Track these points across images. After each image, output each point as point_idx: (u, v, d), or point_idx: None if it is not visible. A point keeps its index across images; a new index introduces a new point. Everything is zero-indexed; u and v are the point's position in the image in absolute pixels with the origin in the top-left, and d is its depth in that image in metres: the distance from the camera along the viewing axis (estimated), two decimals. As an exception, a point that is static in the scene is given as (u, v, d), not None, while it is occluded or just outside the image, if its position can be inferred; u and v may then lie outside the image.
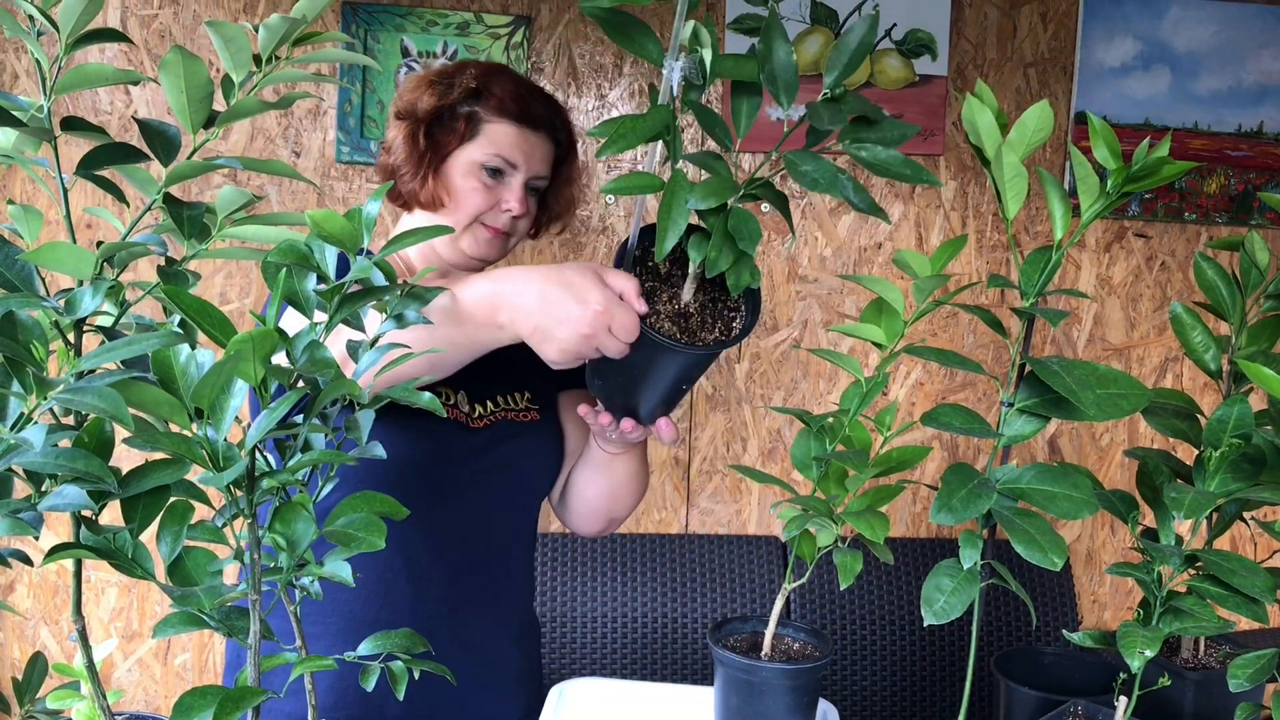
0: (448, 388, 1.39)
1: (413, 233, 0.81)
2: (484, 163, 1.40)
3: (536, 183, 1.45)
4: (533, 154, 1.43)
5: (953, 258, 1.07)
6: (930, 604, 0.96)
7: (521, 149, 1.41)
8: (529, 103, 1.43)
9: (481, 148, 1.40)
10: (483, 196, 1.40)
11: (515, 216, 1.41)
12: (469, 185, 1.39)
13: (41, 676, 0.75)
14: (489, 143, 1.40)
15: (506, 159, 1.40)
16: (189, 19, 2.49)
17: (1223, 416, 1.03)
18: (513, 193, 1.41)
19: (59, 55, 0.66)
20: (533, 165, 1.43)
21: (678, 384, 1.17)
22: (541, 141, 1.44)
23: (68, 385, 0.58)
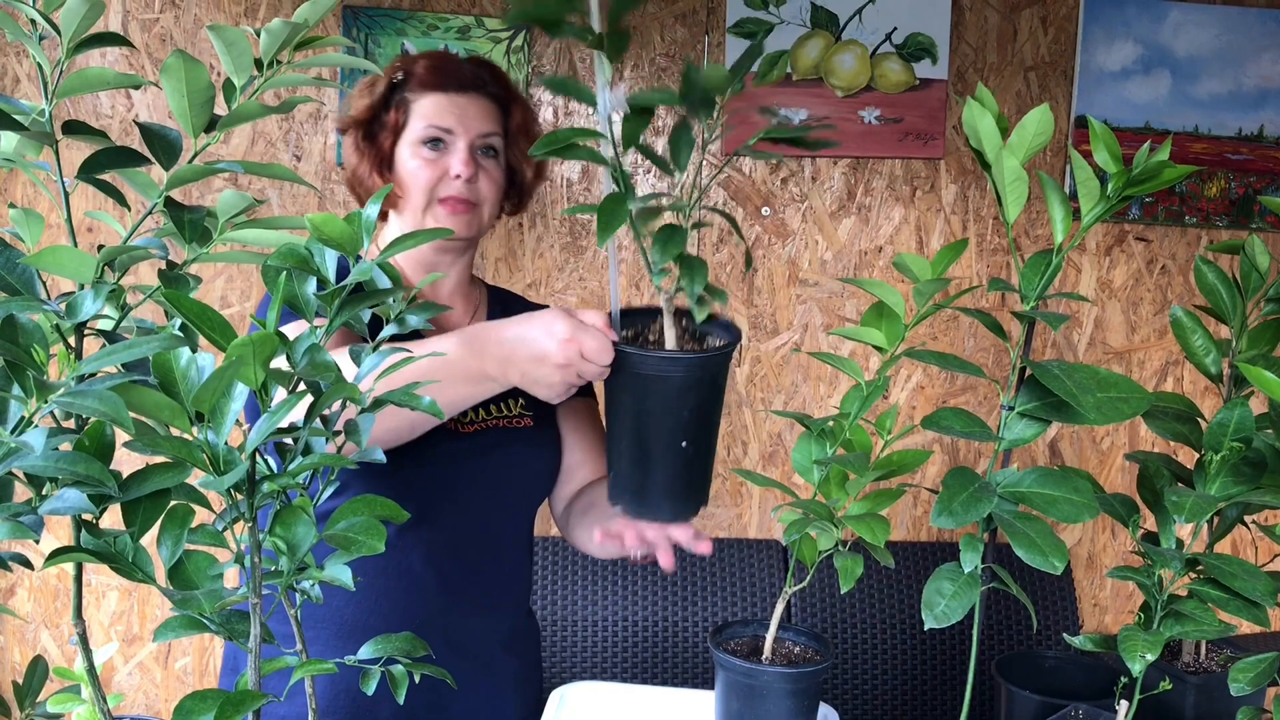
0: None
1: (413, 235, 0.81)
2: (421, 138, 1.38)
3: (485, 142, 1.42)
4: (467, 115, 1.40)
5: (953, 261, 1.07)
6: (931, 608, 0.96)
7: (453, 113, 1.39)
8: (449, 68, 1.41)
9: (415, 128, 1.39)
10: (427, 170, 1.38)
11: (468, 180, 1.38)
12: (414, 167, 1.38)
13: (42, 680, 0.75)
14: (420, 118, 1.39)
15: (440, 126, 1.39)
16: (190, 23, 2.49)
17: (1223, 420, 1.03)
18: (456, 156, 1.38)
19: (61, 59, 0.66)
20: (472, 126, 1.40)
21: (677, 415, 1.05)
22: (474, 100, 1.41)
23: (68, 389, 0.58)
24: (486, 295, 1.57)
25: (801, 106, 2.59)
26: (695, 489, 1.09)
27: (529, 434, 1.44)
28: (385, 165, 1.41)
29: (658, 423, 1.05)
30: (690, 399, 1.04)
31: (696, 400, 1.04)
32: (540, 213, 2.60)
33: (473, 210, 1.41)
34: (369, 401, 0.76)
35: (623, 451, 1.08)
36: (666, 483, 1.07)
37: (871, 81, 2.60)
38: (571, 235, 2.61)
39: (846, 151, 2.63)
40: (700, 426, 1.06)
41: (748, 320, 2.68)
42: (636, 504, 1.09)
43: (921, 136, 2.62)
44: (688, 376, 1.03)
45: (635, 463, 1.07)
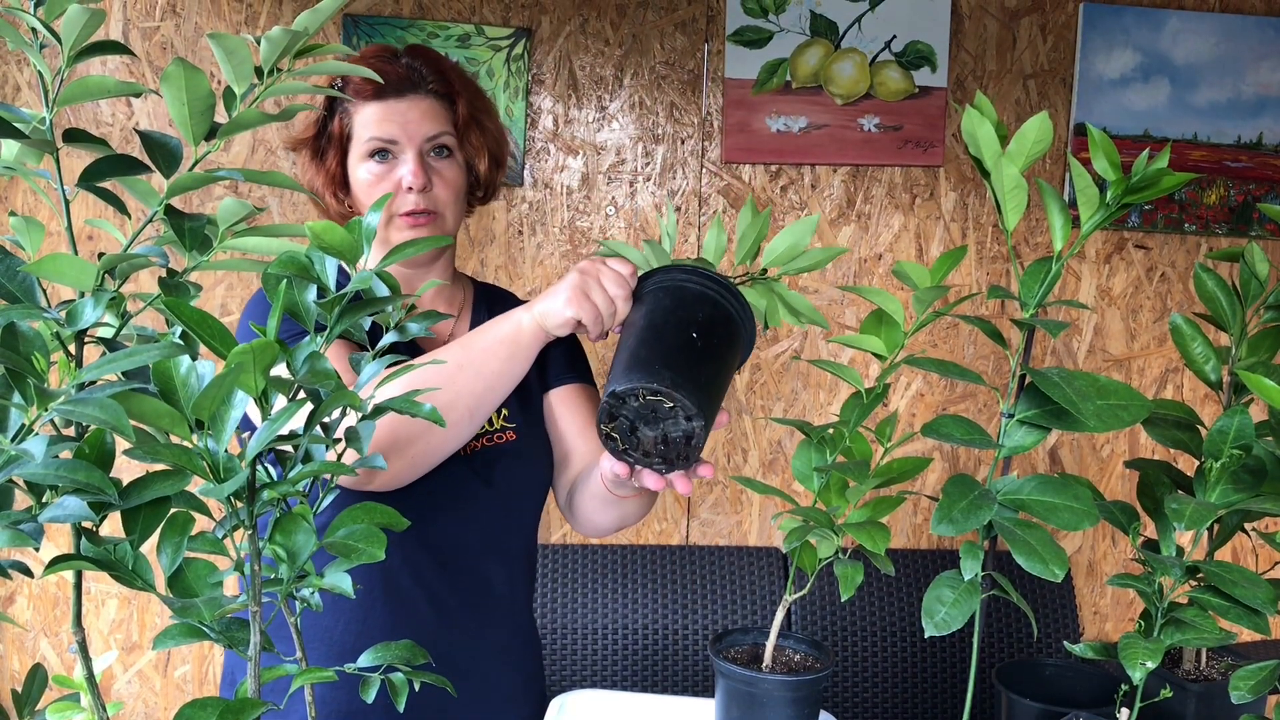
0: None
1: (413, 243, 0.81)
2: (367, 152, 1.34)
3: (435, 144, 1.36)
4: (409, 120, 1.33)
5: (953, 269, 1.07)
6: (931, 615, 0.96)
7: (394, 121, 1.33)
8: (382, 70, 1.32)
9: (359, 142, 1.34)
10: (379, 185, 1.34)
11: (421, 190, 1.33)
12: (365, 183, 1.34)
13: (41, 688, 0.75)
14: (362, 130, 1.33)
15: (383, 138, 1.33)
16: (190, 31, 2.50)
17: (1223, 427, 1.03)
18: (405, 167, 1.33)
19: (61, 68, 0.66)
20: (416, 131, 1.34)
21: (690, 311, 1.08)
22: (416, 102, 1.34)
23: (69, 396, 0.58)
24: (473, 294, 1.53)
25: (801, 114, 2.59)
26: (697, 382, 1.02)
27: (515, 448, 1.40)
28: (338, 183, 1.37)
29: (670, 314, 1.09)
30: (705, 307, 1.09)
31: (710, 312, 1.09)
32: (540, 220, 2.61)
33: (434, 219, 1.36)
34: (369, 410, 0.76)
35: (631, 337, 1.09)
36: (669, 354, 1.04)
37: (871, 89, 2.61)
38: (571, 244, 2.62)
39: (846, 159, 2.63)
40: (710, 333, 1.07)
41: (747, 328, 2.68)
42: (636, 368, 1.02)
43: (921, 144, 2.62)
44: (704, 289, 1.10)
45: (642, 340, 1.06)
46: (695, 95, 2.60)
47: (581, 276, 1.14)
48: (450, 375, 1.17)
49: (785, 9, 2.56)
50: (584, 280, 1.14)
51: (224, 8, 2.50)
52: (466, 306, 1.51)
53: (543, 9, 2.55)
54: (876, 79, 2.61)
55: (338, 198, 1.38)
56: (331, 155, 1.36)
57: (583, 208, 2.61)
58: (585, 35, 2.57)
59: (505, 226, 2.61)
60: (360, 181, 1.35)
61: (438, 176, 1.36)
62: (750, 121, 2.59)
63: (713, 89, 2.60)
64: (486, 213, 2.60)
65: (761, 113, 2.59)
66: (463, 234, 2.59)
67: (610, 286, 1.14)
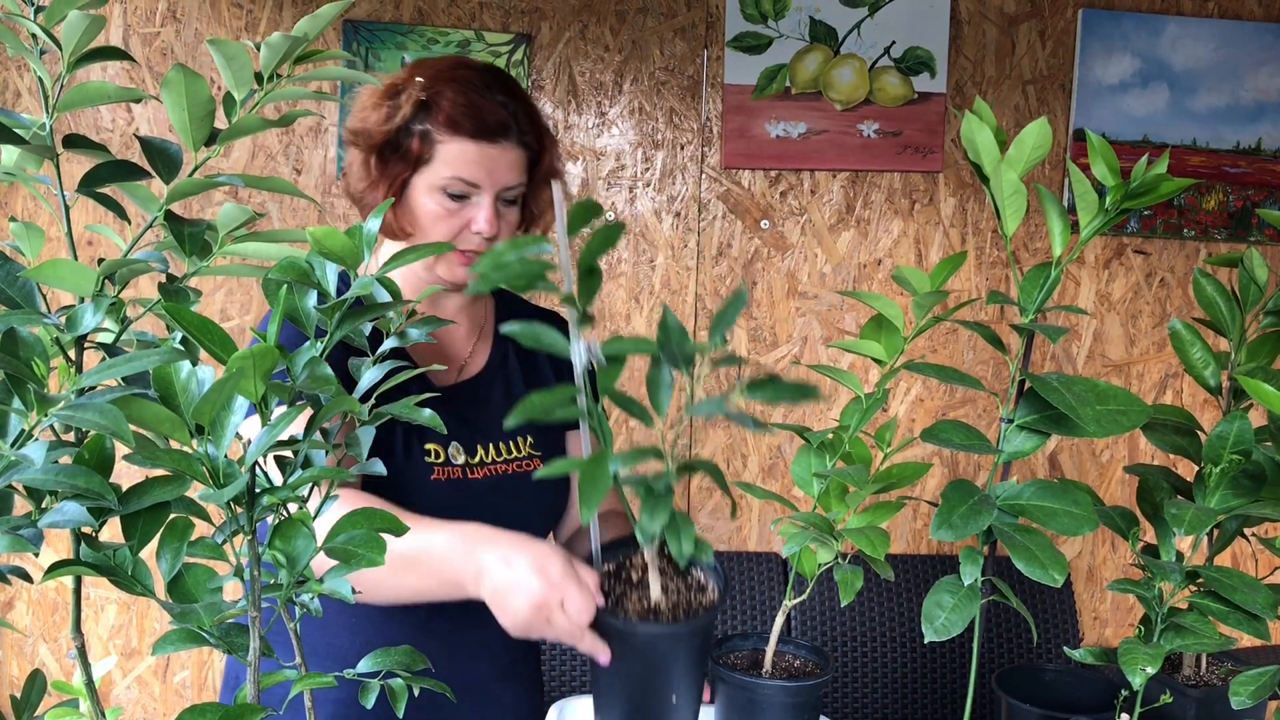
0: (436, 444, 1.33)
1: (414, 249, 0.81)
2: (444, 187, 1.29)
3: (509, 193, 1.34)
4: (496, 168, 1.30)
5: (952, 274, 1.08)
6: (931, 621, 0.96)
7: (482, 165, 1.29)
8: (483, 113, 1.29)
9: (438, 171, 1.29)
10: (446, 224, 1.30)
11: (489, 237, 1.31)
12: (432, 214, 1.30)
13: (40, 694, 0.75)
14: (445, 164, 1.29)
15: (467, 180, 1.29)
16: (190, 37, 2.50)
17: (1222, 433, 1.03)
18: (480, 212, 1.30)
19: (61, 73, 0.66)
20: (498, 179, 1.31)
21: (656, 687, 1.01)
22: (505, 151, 1.31)
23: (68, 402, 0.58)
24: (494, 306, 1.51)
25: (800, 120, 2.59)
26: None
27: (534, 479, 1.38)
28: (397, 194, 1.32)
29: (647, 685, 1.02)
30: (679, 656, 1.01)
31: (685, 655, 1.02)
32: (540, 226, 2.60)
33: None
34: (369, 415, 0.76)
35: (611, 706, 1.06)
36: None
37: (870, 95, 2.61)
38: (570, 249, 2.61)
39: (845, 164, 2.63)
40: (689, 676, 1.03)
41: (747, 333, 2.68)
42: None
43: (920, 150, 2.63)
44: (674, 642, 1.01)
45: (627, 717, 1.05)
46: (695, 101, 2.60)
47: (544, 598, 1.04)
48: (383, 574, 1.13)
49: (785, 15, 2.57)
50: (546, 604, 1.04)
51: (224, 13, 2.50)
52: (489, 323, 1.49)
53: (542, 15, 2.55)
54: (876, 85, 2.61)
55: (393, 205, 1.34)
56: (398, 168, 1.31)
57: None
58: (585, 41, 2.57)
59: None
60: (426, 210, 1.31)
61: (503, 221, 1.34)
62: (750, 127, 2.60)
63: (712, 95, 2.60)
64: (486, 218, 2.60)
65: (761, 118, 2.59)
66: (462, 239, 2.59)
67: (574, 615, 1.03)
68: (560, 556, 1.06)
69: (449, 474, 1.34)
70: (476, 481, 1.36)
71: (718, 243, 2.64)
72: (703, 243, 2.64)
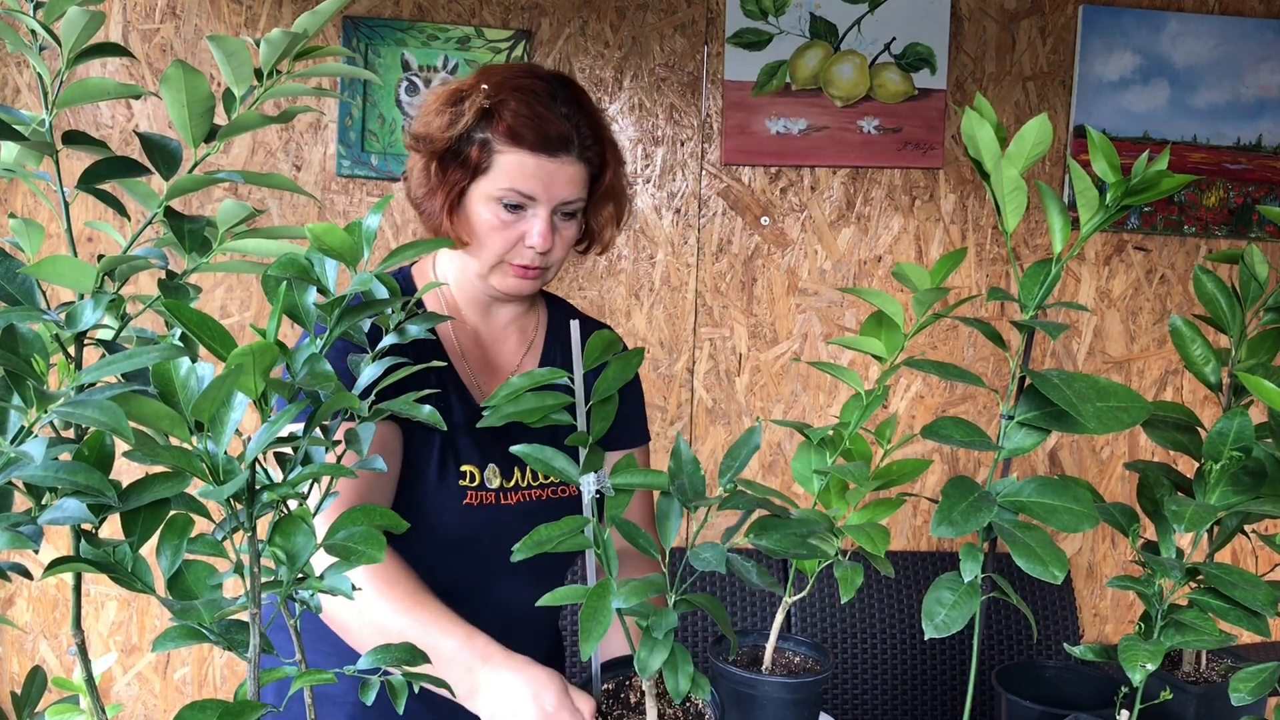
0: (473, 466, 1.32)
1: (411, 245, 0.81)
2: (500, 198, 1.28)
3: (568, 208, 1.32)
4: (554, 182, 1.28)
5: (952, 271, 1.07)
6: (931, 617, 0.96)
7: (539, 179, 1.27)
8: (544, 125, 1.27)
9: (495, 181, 1.28)
10: (501, 235, 1.29)
11: (543, 251, 1.29)
12: (487, 224, 1.29)
13: (40, 691, 0.75)
14: (502, 175, 1.27)
15: (523, 193, 1.28)
16: (190, 33, 2.50)
17: (1223, 429, 1.03)
18: (535, 224, 1.29)
19: (61, 70, 0.66)
20: (556, 193, 1.29)
21: None
22: (565, 166, 1.29)
23: (68, 399, 0.58)
24: (546, 318, 1.48)
25: (800, 116, 2.59)
26: None
27: (574, 504, 1.33)
28: (454, 200, 1.31)
29: None
30: None
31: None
32: (540, 222, 2.60)
33: (542, 274, 1.33)
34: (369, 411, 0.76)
35: None
36: None
37: (870, 91, 2.61)
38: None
39: (846, 161, 2.63)
40: None
41: (747, 330, 2.68)
42: None
43: (920, 146, 2.63)
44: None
45: None
46: (695, 97, 2.60)
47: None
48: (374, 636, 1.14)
49: (785, 11, 2.57)
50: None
51: (223, 10, 2.50)
52: (539, 337, 1.47)
53: (542, 11, 2.55)
54: (876, 81, 2.61)
55: (452, 218, 1.32)
56: (457, 175, 1.29)
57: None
58: (585, 37, 2.57)
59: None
60: (480, 219, 1.29)
61: (558, 236, 1.32)
62: (750, 123, 2.59)
63: (712, 91, 2.60)
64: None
65: (761, 115, 2.59)
66: (462, 236, 2.59)
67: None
68: (557, 685, 1.07)
69: (481, 499, 1.33)
70: (509, 508, 1.34)
71: (718, 239, 2.64)
72: (703, 239, 2.64)
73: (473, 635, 1.15)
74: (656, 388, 2.66)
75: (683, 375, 2.67)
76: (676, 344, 2.66)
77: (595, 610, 0.92)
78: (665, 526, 1.00)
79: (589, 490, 0.98)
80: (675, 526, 1.01)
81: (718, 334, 2.67)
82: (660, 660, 0.92)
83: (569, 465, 0.98)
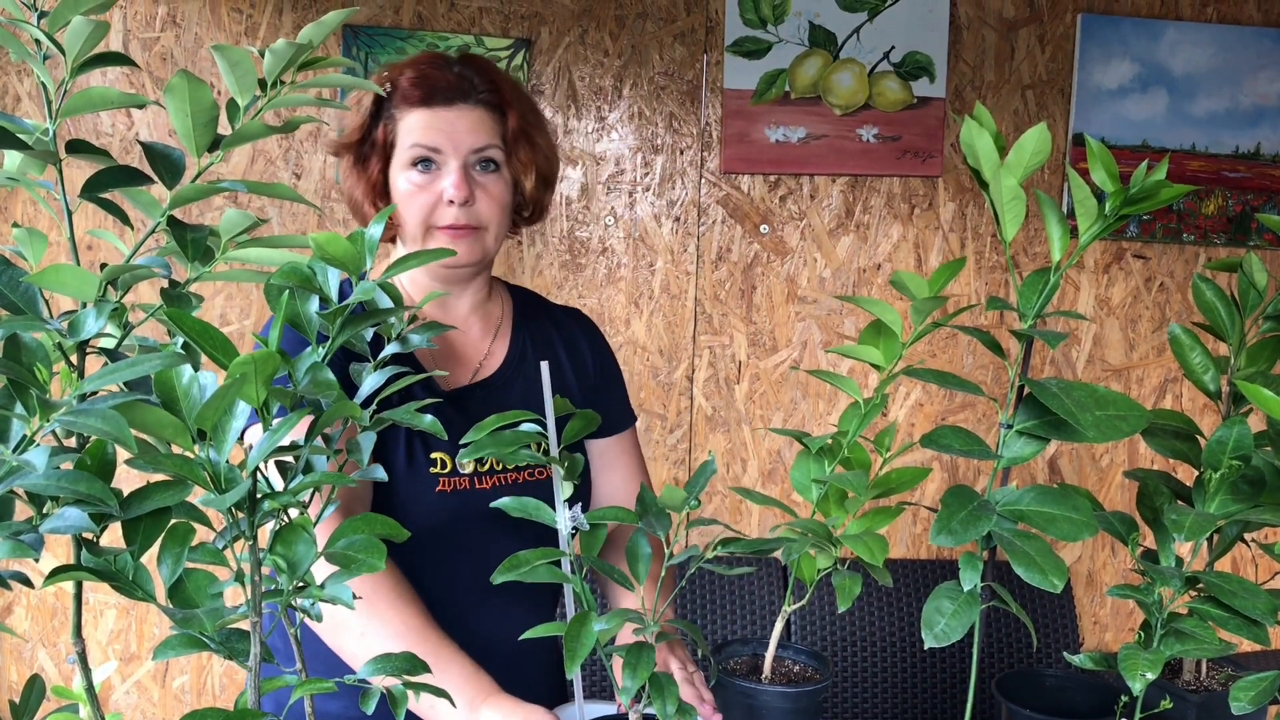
0: (444, 452, 1.32)
1: (415, 255, 0.81)
2: (410, 160, 1.29)
3: (482, 157, 1.31)
4: (456, 130, 1.28)
5: (951, 279, 1.08)
6: (930, 626, 0.96)
7: (440, 129, 1.28)
8: (432, 80, 1.28)
9: (402, 147, 1.29)
10: (420, 199, 1.29)
11: (463, 203, 1.28)
12: (406, 193, 1.30)
13: (39, 699, 0.75)
14: (406, 136, 1.29)
15: (427, 145, 1.28)
16: (191, 42, 2.50)
17: (1222, 438, 1.03)
18: (448, 178, 1.28)
19: (65, 79, 0.66)
20: (462, 141, 1.29)
21: None
22: (465, 112, 1.29)
23: (70, 407, 0.58)
24: (510, 307, 1.49)
25: (799, 125, 2.60)
26: None
27: (546, 486, 1.36)
28: (379, 190, 1.33)
29: None
30: None
31: None
32: (539, 230, 2.61)
33: (475, 234, 1.32)
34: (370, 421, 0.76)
35: None
36: None
37: (869, 100, 2.61)
38: (571, 253, 2.62)
39: (845, 169, 2.64)
40: None
41: (746, 338, 2.68)
42: None
43: (919, 155, 2.63)
44: None
45: None
46: (694, 106, 2.61)
47: None
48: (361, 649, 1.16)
49: (784, 20, 2.57)
50: None
51: (224, 19, 2.51)
52: (505, 323, 1.47)
53: (542, 20, 2.56)
54: (875, 89, 2.61)
55: (377, 207, 1.33)
56: (374, 162, 1.32)
57: (582, 218, 2.62)
58: (584, 46, 2.58)
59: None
60: (400, 190, 1.30)
61: (482, 191, 1.31)
62: (749, 132, 2.60)
63: (712, 99, 2.60)
64: (486, 223, 2.60)
65: (760, 123, 2.59)
66: (462, 244, 2.59)
67: None
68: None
69: (454, 485, 1.32)
70: (484, 493, 1.34)
71: (717, 247, 2.65)
72: (702, 247, 2.64)
73: (477, 674, 1.16)
74: (656, 395, 2.66)
75: (682, 383, 2.67)
76: (676, 352, 2.66)
77: (577, 636, 0.94)
78: (636, 566, 1.04)
79: (565, 525, 1.00)
80: (646, 565, 1.04)
81: (717, 342, 2.67)
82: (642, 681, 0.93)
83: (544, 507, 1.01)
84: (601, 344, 1.54)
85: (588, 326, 1.54)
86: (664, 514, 1.03)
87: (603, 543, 1.04)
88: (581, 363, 1.49)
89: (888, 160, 2.63)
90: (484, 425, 0.94)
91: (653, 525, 1.02)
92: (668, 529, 1.03)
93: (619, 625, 0.95)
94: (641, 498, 1.04)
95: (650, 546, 1.04)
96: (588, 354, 1.50)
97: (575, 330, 1.51)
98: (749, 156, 2.61)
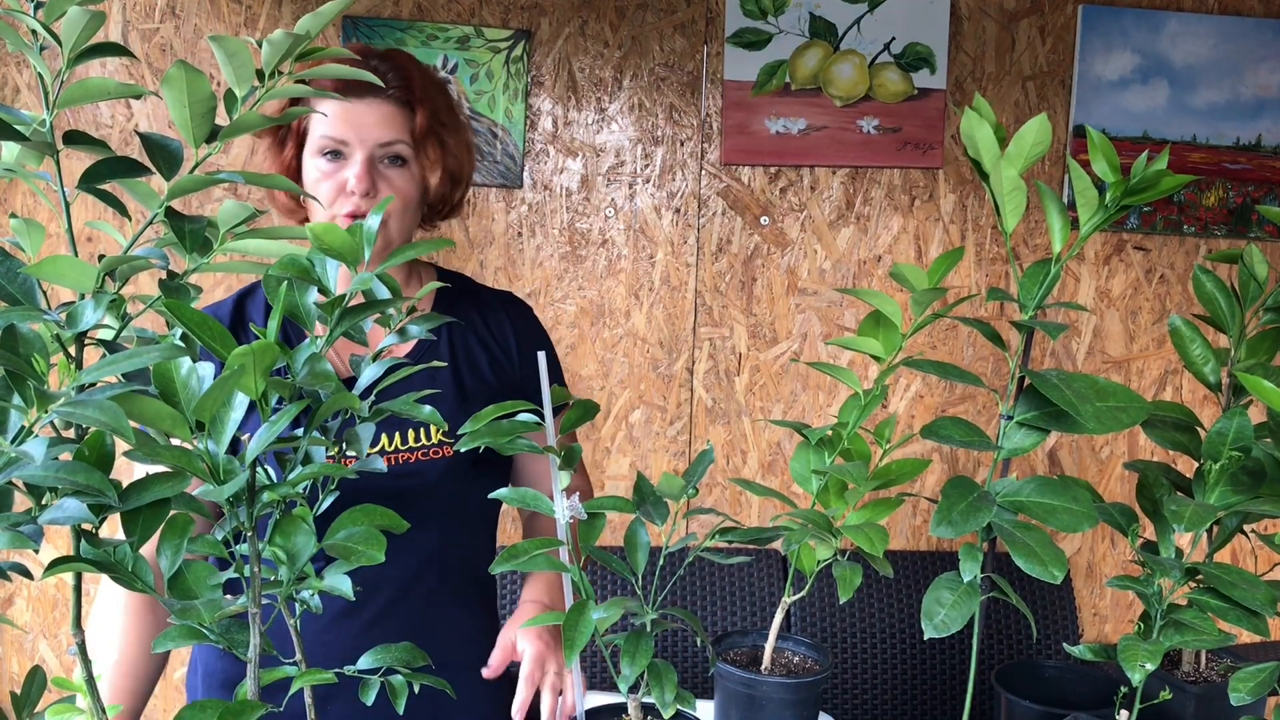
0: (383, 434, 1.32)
1: (412, 246, 0.81)
2: (319, 149, 1.32)
3: (389, 152, 1.33)
4: (363, 123, 1.31)
5: (949, 270, 1.07)
6: (930, 617, 0.96)
7: (347, 121, 1.30)
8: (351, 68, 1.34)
9: (313, 136, 1.32)
10: (325, 186, 1.31)
11: (364, 194, 1.29)
12: (313, 179, 1.32)
13: (40, 690, 0.75)
14: (316, 126, 1.31)
15: (335, 138, 1.30)
16: (190, 33, 2.50)
17: (1222, 429, 1.03)
18: (351, 169, 1.30)
19: (62, 70, 0.66)
20: (369, 135, 1.31)
21: None
22: (374, 106, 1.31)
23: (69, 398, 0.58)
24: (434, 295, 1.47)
25: (800, 116, 2.59)
26: None
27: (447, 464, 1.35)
28: (292, 173, 1.35)
29: None
30: None
31: None
32: (539, 222, 2.61)
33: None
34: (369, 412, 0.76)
35: None
36: None
37: (870, 91, 2.61)
38: (571, 245, 2.62)
39: (845, 161, 2.63)
40: None
41: (746, 330, 2.68)
42: None
43: (920, 146, 2.63)
44: None
45: None
46: (694, 97, 2.60)
47: None
48: None
49: (784, 11, 2.57)
50: None
51: (223, 9, 2.50)
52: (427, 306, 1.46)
53: (542, 11, 2.55)
54: (875, 81, 2.61)
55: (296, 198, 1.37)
56: (289, 147, 1.35)
57: (582, 209, 2.61)
58: (584, 37, 2.57)
59: (505, 228, 2.61)
60: (309, 177, 1.33)
61: (385, 184, 1.33)
62: (749, 123, 2.59)
63: (712, 91, 2.60)
64: (486, 214, 2.60)
65: (761, 114, 2.59)
66: (461, 235, 2.59)
67: None
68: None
69: (401, 459, 1.32)
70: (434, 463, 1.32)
71: (717, 239, 2.64)
72: (702, 239, 2.64)
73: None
74: (656, 387, 2.66)
75: (682, 375, 2.67)
76: (676, 343, 2.66)
77: (576, 624, 0.94)
78: (635, 555, 1.04)
79: (563, 514, 1.00)
80: (644, 554, 1.04)
81: (717, 334, 2.67)
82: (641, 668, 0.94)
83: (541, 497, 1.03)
84: (530, 326, 1.51)
85: (516, 309, 1.52)
86: (661, 502, 1.03)
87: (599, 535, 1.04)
88: (503, 345, 1.46)
89: (888, 152, 2.63)
90: (482, 415, 0.94)
91: (650, 514, 1.02)
92: (665, 518, 1.03)
93: (618, 614, 0.95)
94: (639, 486, 1.04)
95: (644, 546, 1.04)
96: (511, 336, 1.47)
97: (501, 314, 1.49)
98: (749, 148, 2.60)
